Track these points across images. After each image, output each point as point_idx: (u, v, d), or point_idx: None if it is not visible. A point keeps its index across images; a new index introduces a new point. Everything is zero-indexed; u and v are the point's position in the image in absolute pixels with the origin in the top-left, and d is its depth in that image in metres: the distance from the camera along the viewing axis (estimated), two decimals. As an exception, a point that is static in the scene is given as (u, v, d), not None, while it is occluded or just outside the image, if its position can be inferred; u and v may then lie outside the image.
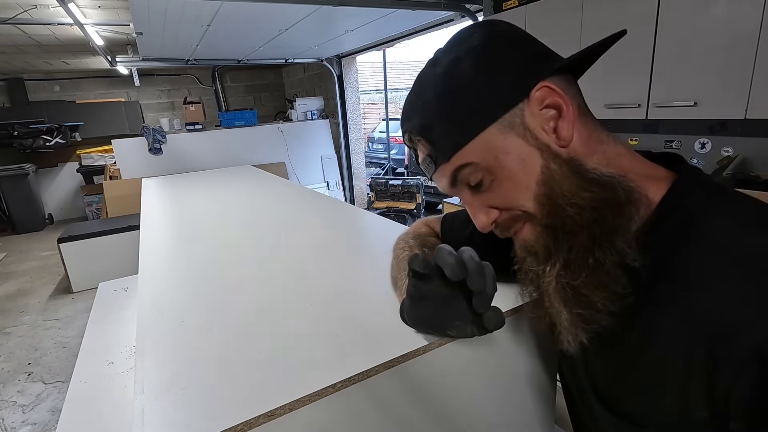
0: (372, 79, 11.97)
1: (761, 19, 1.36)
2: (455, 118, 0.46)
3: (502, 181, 0.46)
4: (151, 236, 1.29)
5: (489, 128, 0.44)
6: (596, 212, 0.43)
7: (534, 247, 0.47)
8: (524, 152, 0.44)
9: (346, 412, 0.50)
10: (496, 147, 0.45)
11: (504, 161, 0.45)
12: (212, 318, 0.69)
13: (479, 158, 0.45)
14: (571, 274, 0.44)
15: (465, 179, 0.48)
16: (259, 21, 2.95)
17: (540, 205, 0.45)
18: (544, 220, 0.45)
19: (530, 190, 0.45)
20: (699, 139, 1.86)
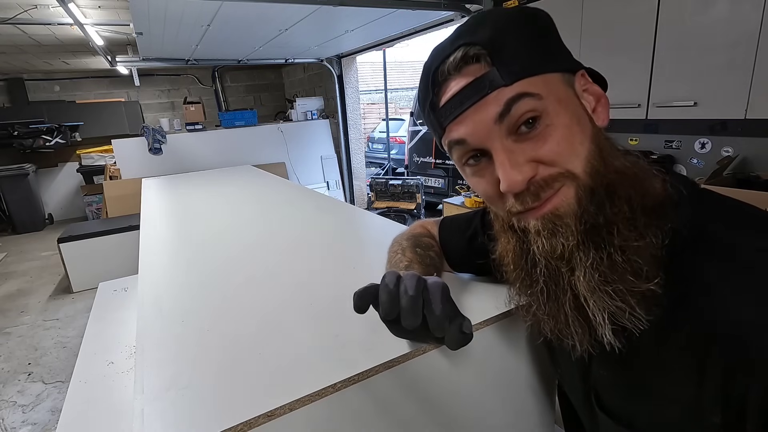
0: (372, 79, 11.97)
1: (761, 19, 1.36)
2: (531, 45, 0.42)
3: (558, 128, 0.41)
4: (151, 236, 1.29)
5: (558, 73, 0.42)
6: (638, 182, 0.42)
7: (564, 217, 0.41)
8: (580, 111, 0.43)
9: (346, 412, 0.49)
10: (560, 91, 0.42)
11: (565, 109, 0.42)
12: (212, 318, 0.69)
13: (543, 92, 0.41)
14: (631, 238, 0.40)
15: (518, 114, 0.40)
16: (259, 21, 2.95)
17: (590, 164, 0.41)
18: (590, 183, 0.41)
19: (584, 146, 0.41)
20: (699, 139, 1.86)
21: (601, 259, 0.40)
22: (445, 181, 4.96)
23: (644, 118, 1.73)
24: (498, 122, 0.41)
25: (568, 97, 0.43)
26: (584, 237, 0.41)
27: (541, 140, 0.41)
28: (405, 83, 12.78)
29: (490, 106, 0.41)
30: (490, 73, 0.41)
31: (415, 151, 5.33)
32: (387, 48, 4.82)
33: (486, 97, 0.41)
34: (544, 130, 0.41)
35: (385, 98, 6.46)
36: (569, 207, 0.41)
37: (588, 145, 0.42)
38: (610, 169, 0.41)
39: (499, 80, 0.40)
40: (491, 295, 0.67)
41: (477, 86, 0.41)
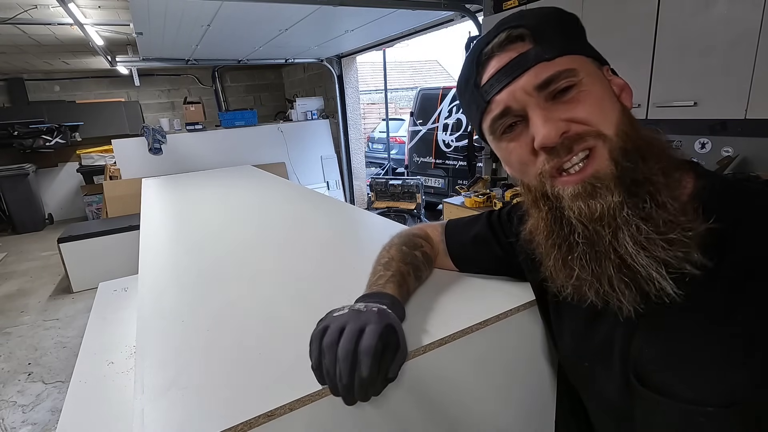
0: (372, 79, 11.97)
1: (761, 19, 1.36)
2: (568, 32, 0.49)
3: (592, 95, 0.46)
4: (151, 236, 1.29)
5: (589, 57, 0.49)
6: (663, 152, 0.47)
7: (601, 181, 0.44)
8: (608, 90, 0.48)
9: (346, 412, 0.49)
10: (592, 71, 0.48)
11: (597, 84, 0.47)
12: (212, 318, 0.69)
13: (581, 69, 0.46)
14: (670, 193, 0.44)
15: (557, 84, 0.46)
16: (259, 21, 2.95)
17: (621, 126, 0.46)
18: (622, 143, 0.45)
19: (615, 111, 0.47)
20: (699, 139, 1.86)
21: (648, 212, 0.43)
22: (445, 181, 4.96)
23: (644, 118, 1.73)
24: (538, 91, 0.46)
25: (599, 77, 0.48)
26: (627, 193, 0.43)
27: (575, 102, 0.46)
28: (405, 83, 12.78)
29: (532, 77, 0.46)
30: (534, 48, 0.46)
31: (415, 151, 5.33)
32: (387, 48, 4.82)
33: (530, 70, 0.46)
34: (578, 95, 0.46)
35: (385, 98, 6.45)
36: (606, 168, 0.44)
37: (618, 113, 0.47)
38: (638, 135, 0.46)
39: (542, 55, 0.46)
40: (491, 296, 0.67)
41: (522, 59, 0.46)
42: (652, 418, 0.48)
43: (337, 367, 0.44)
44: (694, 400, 0.43)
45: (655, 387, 0.46)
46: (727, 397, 0.42)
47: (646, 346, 0.47)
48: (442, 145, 4.97)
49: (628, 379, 0.49)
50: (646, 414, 0.48)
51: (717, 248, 0.43)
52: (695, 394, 0.43)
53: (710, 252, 0.42)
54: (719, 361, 0.42)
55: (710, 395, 0.42)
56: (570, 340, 0.58)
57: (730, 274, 0.42)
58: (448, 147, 4.91)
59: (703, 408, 0.43)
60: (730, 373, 0.41)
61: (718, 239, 0.43)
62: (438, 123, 5.04)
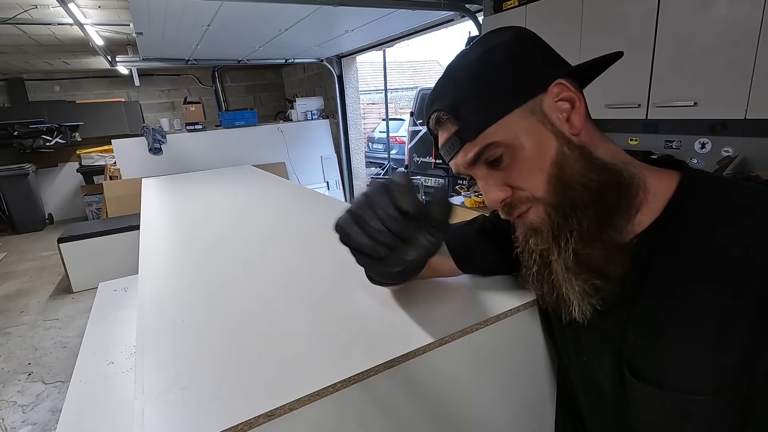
0: (372, 79, 11.97)
1: (761, 19, 1.36)
2: (485, 98, 0.50)
3: (520, 161, 0.50)
4: (151, 236, 1.29)
5: (514, 111, 0.49)
6: (600, 193, 0.49)
7: (539, 227, 0.52)
8: (542, 136, 0.50)
9: (346, 412, 0.50)
10: (519, 128, 0.50)
11: (524, 141, 0.50)
12: (212, 318, 0.69)
13: (503, 137, 0.50)
14: (584, 245, 0.49)
15: (486, 157, 0.51)
16: (259, 21, 2.95)
17: (551, 186, 0.50)
18: (553, 200, 0.50)
19: (543, 172, 0.50)
20: (699, 139, 1.86)
21: (566, 256, 0.50)
22: (445, 181, 4.96)
23: (644, 118, 1.73)
24: (472, 165, 0.53)
25: (529, 129, 0.50)
26: (554, 240, 0.51)
27: (507, 171, 0.52)
28: (405, 83, 12.78)
29: (464, 156, 0.52)
30: (458, 131, 0.52)
31: (415, 151, 5.33)
32: (387, 48, 4.82)
33: (459, 152, 0.52)
34: (509, 164, 0.51)
35: (385, 98, 6.46)
36: (540, 220, 0.52)
37: (549, 170, 0.50)
38: (571, 186, 0.49)
39: (467, 136, 0.51)
40: (491, 296, 0.67)
41: (452, 142, 0.53)
42: (646, 410, 0.50)
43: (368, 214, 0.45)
44: (685, 390, 0.46)
45: (647, 378, 0.49)
46: (715, 384, 0.45)
47: (639, 338, 0.50)
48: (442, 145, 4.97)
49: (622, 372, 0.52)
50: (639, 407, 0.51)
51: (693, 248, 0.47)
52: (685, 384, 0.46)
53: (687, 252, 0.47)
54: (704, 348, 0.45)
55: (699, 384, 0.45)
56: (568, 337, 0.59)
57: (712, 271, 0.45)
58: (448, 147, 4.90)
59: (694, 397, 0.46)
60: (715, 359, 0.44)
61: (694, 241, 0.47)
62: (438, 123, 5.03)
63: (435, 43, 11.76)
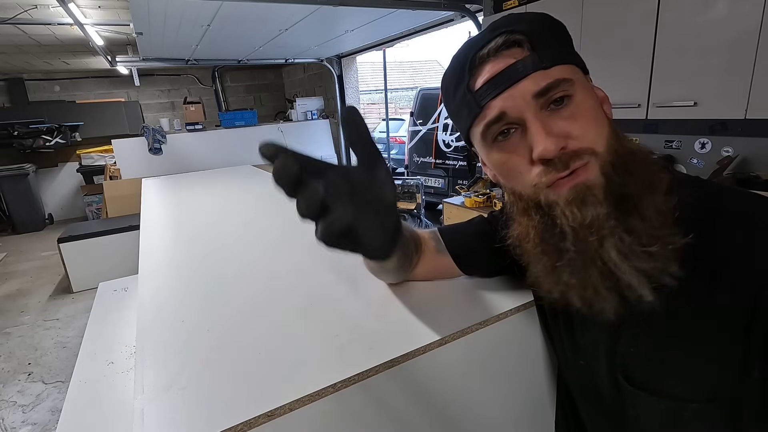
0: (372, 79, 11.97)
1: (761, 19, 1.36)
2: (560, 40, 0.49)
3: (587, 110, 0.47)
4: (151, 236, 1.29)
5: (577, 67, 0.49)
6: (645, 164, 0.47)
7: (591, 190, 0.45)
8: (597, 104, 0.49)
9: (346, 412, 0.50)
10: (583, 80, 0.49)
11: (589, 96, 0.48)
12: (212, 318, 0.69)
13: (575, 79, 0.47)
14: (660, 199, 0.45)
15: (555, 94, 0.46)
16: (259, 21, 2.95)
17: (609, 143, 0.46)
18: (612, 159, 0.46)
19: (604, 128, 0.47)
20: (699, 139, 1.86)
21: (632, 225, 0.44)
22: (445, 181, 4.95)
23: (644, 118, 1.73)
24: (536, 98, 0.46)
25: (589, 87, 0.49)
26: (614, 206, 0.44)
27: (571, 118, 0.46)
28: (405, 83, 12.78)
29: (531, 84, 0.46)
30: (531, 55, 0.46)
31: (415, 151, 5.32)
32: (387, 48, 4.82)
33: (528, 77, 0.46)
34: (574, 110, 0.46)
35: (385, 98, 6.45)
36: (597, 179, 0.45)
37: (607, 128, 0.47)
38: (625, 150, 0.47)
39: (539, 63, 0.46)
40: (491, 296, 0.67)
41: (521, 65, 0.46)
42: (641, 416, 0.50)
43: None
44: (679, 397, 0.46)
45: (642, 385, 0.49)
46: (709, 393, 0.44)
47: (632, 346, 0.50)
48: (442, 145, 4.97)
49: (617, 379, 0.51)
50: (636, 412, 0.51)
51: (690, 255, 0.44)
52: (680, 391, 0.46)
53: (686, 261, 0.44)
54: (700, 359, 0.44)
55: (693, 392, 0.45)
56: (565, 339, 0.59)
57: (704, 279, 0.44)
58: (448, 147, 4.91)
59: (688, 404, 0.45)
60: (710, 370, 0.44)
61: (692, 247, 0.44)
62: (438, 123, 5.04)
63: (435, 43, 11.82)
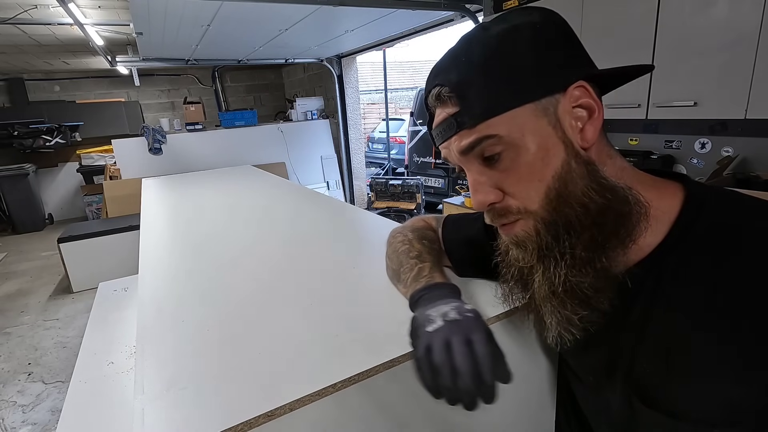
0: (372, 79, 11.96)
1: (761, 19, 1.36)
2: (497, 82, 0.44)
3: (520, 165, 0.45)
4: (151, 236, 1.29)
5: (526, 105, 0.43)
6: (600, 218, 0.44)
7: (525, 242, 0.47)
8: (550, 142, 0.44)
9: (346, 412, 0.49)
10: (527, 126, 0.44)
11: (529, 143, 0.44)
12: (212, 318, 0.69)
13: (506, 132, 0.44)
14: (576, 272, 0.45)
15: (482, 150, 0.45)
16: (259, 21, 2.95)
17: (548, 200, 0.45)
18: (547, 216, 0.45)
19: (543, 183, 0.44)
20: (699, 139, 1.86)
21: (555, 280, 0.46)
22: (445, 181, 4.95)
23: (644, 118, 1.73)
24: (464, 155, 0.47)
25: (538, 131, 0.44)
26: (540, 260, 0.47)
27: (502, 173, 0.46)
28: (405, 83, 12.77)
29: (458, 143, 0.47)
30: (457, 113, 0.46)
31: (415, 151, 5.32)
32: (387, 48, 4.82)
33: (453, 136, 0.47)
34: (506, 166, 0.45)
35: (385, 98, 6.45)
36: (528, 235, 0.47)
37: (549, 182, 0.44)
38: (570, 205, 0.44)
39: (467, 122, 0.45)
40: (491, 296, 0.67)
41: (448, 124, 0.47)
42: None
43: (458, 382, 0.44)
44: (698, 419, 0.43)
45: (657, 406, 0.46)
46: (731, 415, 0.41)
47: (647, 365, 0.47)
48: (442, 145, 4.97)
49: (630, 399, 0.49)
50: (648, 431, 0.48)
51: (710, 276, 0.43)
52: (699, 413, 0.43)
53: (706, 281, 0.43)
54: (722, 378, 0.41)
55: (714, 414, 0.42)
56: (573, 358, 0.59)
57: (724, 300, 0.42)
58: (448, 147, 4.90)
59: (708, 429, 0.42)
60: (733, 390, 0.41)
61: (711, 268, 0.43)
62: (438, 123, 5.03)
63: (435, 43, 11.75)
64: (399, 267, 0.68)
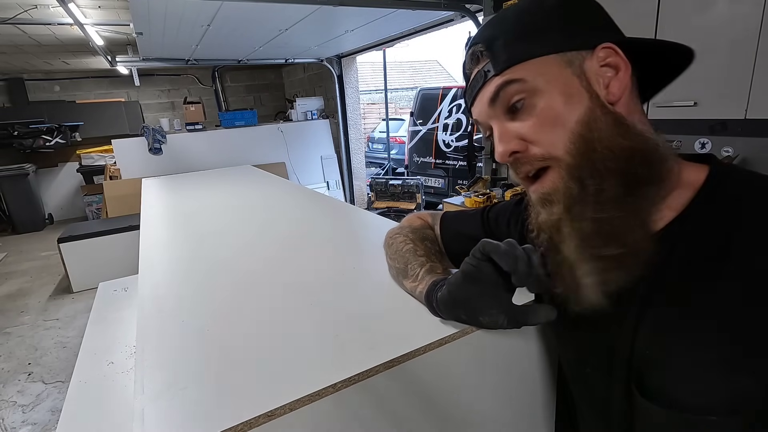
0: (372, 79, 11.96)
1: (761, 19, 1.36)
2: (523, 34, 0.47)
3: (543, 111, 0.45)
4: (151, 236, 1.29)
5: (550, 55, 0.45)
6: (628, 163, 0.43)
7: (552, 195, 0.46)
8: (574, 89, 0.45)
9: (346, 412, 0.49)
10: (550, 73, 0.45)
11: (553, 88, 0.45)
12: (212, 318, 0.69)
13: (531, 77, 0.45)
14: (603, 209, 0.43)
15: (507, 97, 0.47)
16: (259, 21, 2.95)
17: (572, 145, 0.44)
18: (571, 161, 0.44)
19: (567, 129, 0.45)
20: (699, 139, 1.86)
21: (582, 229, 0.44)
22: (445, 181, 4.96)
23: (644, 118, 1.73)
24: (492, 105, 0.48)
25: (561, 78, 0.45)
26: (567, 210, 0.45)
27: (526, 121, 0.47)
28: (405, 83, 12.78)
29: (486, 93, 0.49)
30: (486, 65, 0.48)
31: (415, 151, 5.33)
32: (387, 48, 4.82)
33: (483, 87, 0.49)
34: (529, 113, 0.46)
35: (385, 98, 6.45)
36: (554, 185, 0.46)
37: (572, 127, 0.44)
38: (597, 148, 0.44)
39: (493, 69, 0.47)
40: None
41: (478, 76, 0.49)
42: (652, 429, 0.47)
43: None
44: (697, 408, 0.42)
45: (656, 395, 0.45)
46: (731, 404, 0.40)
47: (648, 350, 0.46)
48: (442, 145, 4.97)
49: (628, 388, 0.48)
50: (645, 426, 0.48)
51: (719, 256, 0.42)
52: (697, 402, 0.42)
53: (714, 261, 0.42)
54: (722, 365, 0.41)
55: (714, 402, 0.41)
56: (572, 345, 0.58)
57: (733, 278, 0.41)
58: (448, 147, 4.91)
59: (706, 417, 0.41)
60: (734, 378, 0.40)
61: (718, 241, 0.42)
62: (438, 123, 5.04)
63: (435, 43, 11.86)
64: (405, 265, 0.69)
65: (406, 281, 0.68)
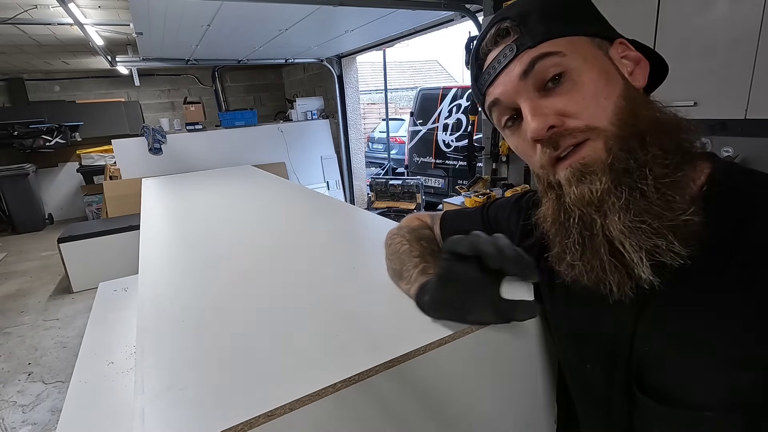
0: (372, 79, 11.97)
1: (761, 19, 1.36)
2: (558, 12, 0.47)
3: (585, 83, 0.44)
4: (151, 236, 1.29)
5: (582, 37, 0.46)
6: (674, 131, 0.44)
7: (591, 167, 0.44)
8: (610, 69, 0.46)
9: (346, 412, 0.49)
10: (587, 51, 0.46)
11: (592, 66, 0.45)
12: (212, 318, 0.69)
13: (569, 52, 0.45)
14: (661, 179, 0.42)
15: (543, 69, 0.45)
16: (259, 21, 2.95)
17: (617, 116, 0.44)
18: (618, 132, 0.43)
19: (610, 100, 0.44)
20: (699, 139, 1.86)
21: (634, 199, 0.42)
22: (445, 181, 4.96)
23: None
24: (524, 79, 0.46)
25: (596, 57, 0.46)
26: (615, 181, 0.43)
27: (567, 94, 0.45)
28: (405, 83, 12.78)
29: (516, 66, 0.46)
30: (518, 38, 0.46)
31: (415, 151, 5.33)
32: (387, 48, 4.82)
33: (513, 60, 0.46)
34: (570, 86, 0.45)
35: (385, 98, 6.46)
36: (596, 156, 0.44)
37: (615, 100, 0.44)
38: (641, 120, 0.44)
39: (525, 43, 0.46)
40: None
41: (508, 50, 0.47)
42: (651, 428, 0.47)
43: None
44: (695, 404, 0.42)
45: (655, 391, 0.45)
46: (730, 399, 0.40)
47: (647, 345, 0.46)
48: (442, 145, 4.97)
49: (628, 385, 0.48)
50: (645, 424, 0.47)
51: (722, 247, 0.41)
52: (696, 397, 0.42)
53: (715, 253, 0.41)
54: (722, 361, 0.40)
55: (713, 399, 0.41)
56: (571, 344, 0.58)
57: (737, 271, 0.40)
58: (448, 147, 4.91)
59: (703, 413, 0.41)
60: (734, 374, 0.40)
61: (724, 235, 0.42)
62: (438, 123, 5.04)
63: (435, 43, 11.88)
64: (401, 266, 0.69)
65: (402, 283, 0.69)
